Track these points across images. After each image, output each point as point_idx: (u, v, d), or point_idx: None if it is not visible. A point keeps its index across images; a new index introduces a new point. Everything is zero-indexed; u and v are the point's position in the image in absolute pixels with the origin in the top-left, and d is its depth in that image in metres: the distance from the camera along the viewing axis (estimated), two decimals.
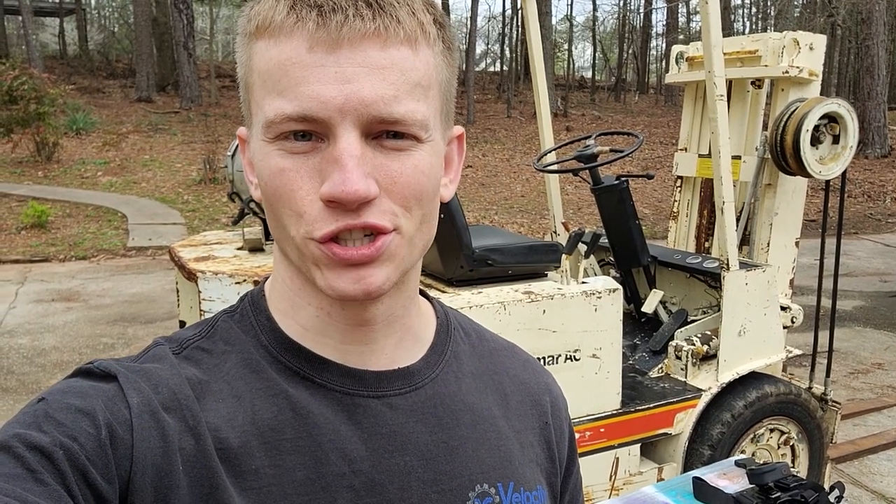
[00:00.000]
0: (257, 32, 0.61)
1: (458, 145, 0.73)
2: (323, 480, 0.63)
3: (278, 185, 0.60)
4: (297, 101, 0.58)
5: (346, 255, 0.59)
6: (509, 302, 2.58)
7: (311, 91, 0.57)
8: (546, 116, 3.89)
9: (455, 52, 0.67)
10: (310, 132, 0.59)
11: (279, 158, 0.60)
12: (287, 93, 0.58)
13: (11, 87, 12.36)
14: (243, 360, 0.67)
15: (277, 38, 0.59)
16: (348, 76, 0.57)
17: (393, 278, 0.63)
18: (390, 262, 0.62)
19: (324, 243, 0.60)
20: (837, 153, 3.31)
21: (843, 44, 26.06)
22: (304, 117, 0.58)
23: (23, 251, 9.38)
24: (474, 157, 16.19)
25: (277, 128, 0.59)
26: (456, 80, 0.68)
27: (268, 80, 0.60)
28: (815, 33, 3.45)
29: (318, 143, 0.59)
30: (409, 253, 0.63)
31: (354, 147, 0.58)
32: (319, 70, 0.57)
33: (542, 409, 0.79)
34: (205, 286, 2.36)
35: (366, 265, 0.60)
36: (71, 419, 0.56)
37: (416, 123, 0.60)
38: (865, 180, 15.77)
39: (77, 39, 26.97)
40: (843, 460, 4.13)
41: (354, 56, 0.57)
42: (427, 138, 0.61)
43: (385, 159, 0.60)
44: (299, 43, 0.58)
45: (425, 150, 0.62)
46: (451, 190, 0.72)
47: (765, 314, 3.10)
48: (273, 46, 0.59)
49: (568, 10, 68.99)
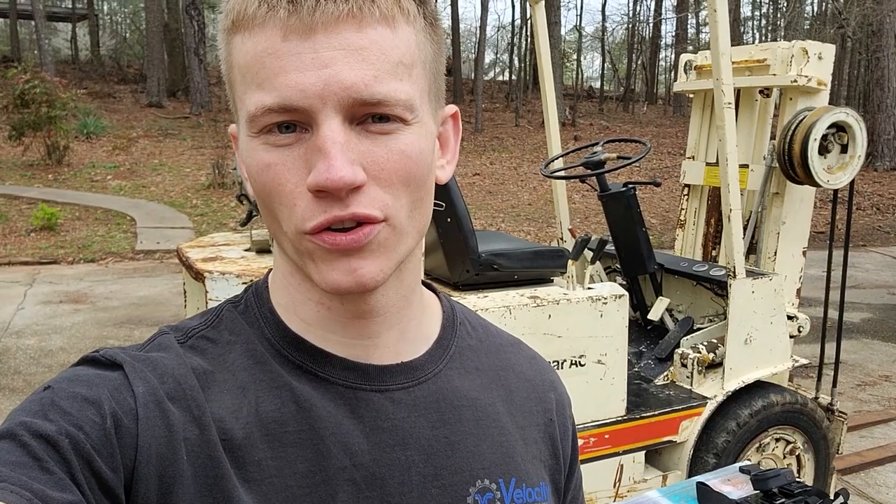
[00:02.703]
0: (233, 27, 0.60)
1: (454, 125, 0.71)
2: (324, 473, 0.63)
3: (266, 181, 0.59)
4: (276, 92, 0.56)
5: (334, 241, 0.58)
6: (515, 306, 2.58)
7: (289, 80, 0.56)
8: (554, 125, 3.90)
9: (439, 28, 0.65)
10: (293, 123, 0.58)
11: (264, 153, 0.59)
12: (265, 84, 0.57)
13: (23, 90, 12.43)
14: (248, 351, 0.67)
15: (251, 29, 0.58)
16: (325, 61, 0.56)
17: (387, 270, 0.62)
18: (381, 253, 0.61)
19: (315, 234, 0.59)
20: (845, 162, 3.30)
21: (853, 56, 26.00)
22: (284, 107, 0.57)
23: (32, 253, 9.44)
24: (482, 165, 16.21)
25: (260, 121, 0.58)
26: (444, 57, 0.66)
27: (247, 73, 0.59)
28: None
29: (302, 133, 0.58)
30: (401, 243, 0.62)
31: (337, 133, 0.56)
32: (296, 58, 0.56)
33: (547, 405, 0.79)
34: (212, 286, 2.37)
35: (357, 254, 0.59)
36: (77, 408, 0.56)
37: (399, 104, 0.58)
38: (875, 193, 15.71)
39: (89, 44, 27.15)
40: (848, 471, 4.11)
41: (330, 40, 0.56)
42: (413, 119, 0.60)
43: (371, 145, 0.58)
44: (273, 33, 0.57)
45: (413, 132, 0.60)
46: (449, 171, 0.70)
47: (771, 323, 3.09)
48: (248, 39, 0.58)
49: (577, 20, 69.17)
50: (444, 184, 0.70)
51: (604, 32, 33.69)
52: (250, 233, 2.79)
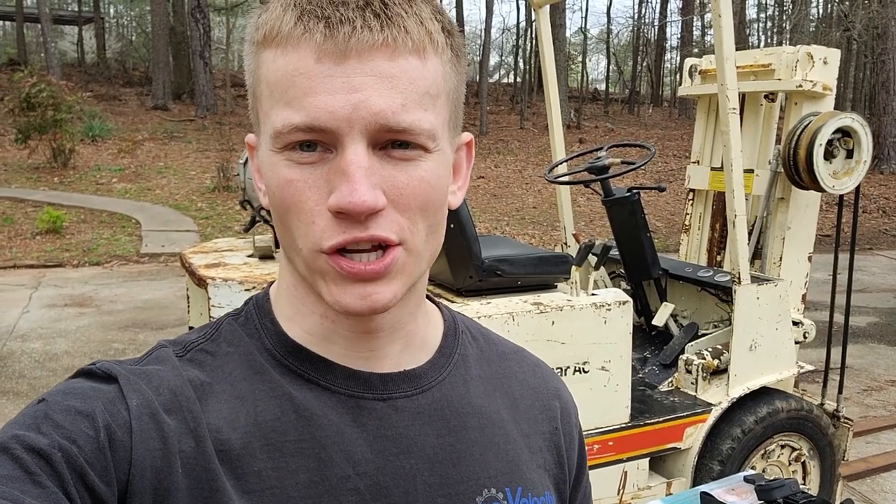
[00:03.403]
0: (265, 41, 0.61)
1: (467, 152, 0.72)
2: (327, 483, 0.62)
3: (286, 197, 0.60)
4: (304, 112, 0.57)
5: (353, 270, 0.59)
6: (518, 312, 2.57)
7: (318, 101, 0.57)
8: (558, 128, 3.89)
9: (463, 60, 0.67)
10: (317, 142, 0.59)
11: (286, 169, 0.59)
12: (295, 103, 0.58)
13: (29, 93, 12.47)
14: (246, 361, 0.67)
15: (285, 48, 0.59)
16: (356, 86, 0.57)
17: (400, 294, 0.62)
18: (398, 278, 0.62)
19: (331, 256, 0.59)
20: (851, 168, 3.29)
21: (858, 59, 25.92)
22: (311, 127, 0.57)
23: (37, 256, 9.46)
24: (486, 169, 16.20)
25: (285, 138, 0.59)
26: (464, 87, 0.68)
27: (275, 90, 0.59)
28: (830, 48, 3.44)
29: (325, 153, 0.59)
30: (416, 267, 0.63)
31: (362, 158, 0.57)
32: (327, 80, 0.57)
33: (552, 413, 0.79)
34: (215, 293, 2.37)
35: (373, 281, 0.60)
36: (70, 421, 0.56)
37: (423, 133, 0.59)
38: (881, 196, 15.66)
39: (95, 47, 27.24)
40: (855, 478, 4.08)
41: (363, 66, 0.57)
42: (435, 148, 0.61)
43: (392, 170, 0.59)
44: (306, 54, 0.58)
45: (433, 160, 0.61)
46: (460, 197, 0.71)
47: (776, 329, 3.07)
48: (280, 57, 0.59)
49: (582, 22, 69.12)
50: (455, 209, 0.71)
51: (609, 35, 33.72)
52: (253, 238, 2.79)
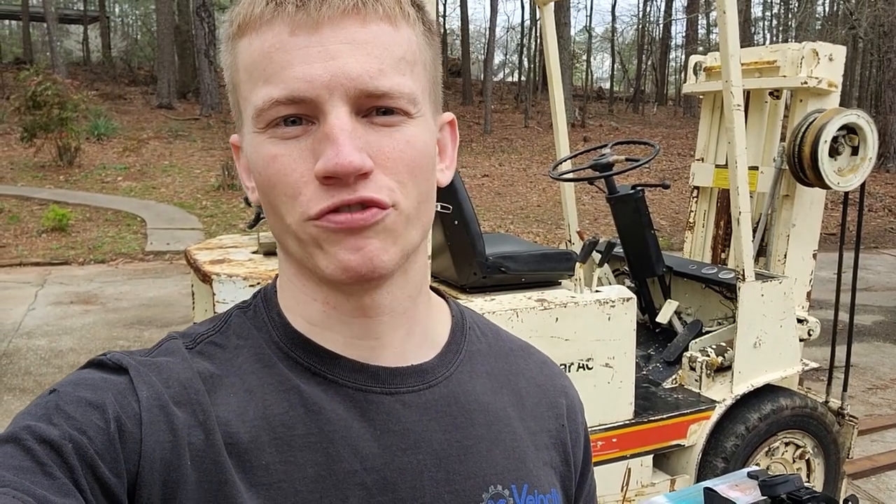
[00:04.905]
0: (239, 31, 0.62)
1: (451, 132, 0.73)
2: (334, 477, 0.62)
3: (272, 173, 0.60)
4: (283, 84, 0.58)
5: (340, 220, 0.59)
6: (522, 309, 2.57)
7: (296, 72, 0.58)
8: (562, 127, 3.89)
9: (436, 37, 0.67)
10: (300, 116, 0.59)
11: (271, 146, 0.60)
12: (273, 78, 0.58)
13: (35, 92, 12.50)
14: (256, 355, 0.67)
15: (258, 29, 0.60)
16: (332, 53, 0.58)
17: (395, 256, 0.62)
18: (388, 235, 0.61)
19: (320, 218, 0.59)
20: (856, 165, 3.28)
21: (864, 56, 25.83)
22: (292, 99, 0.58)
23: (43, 254, 9.50)
24: (491, 167, 16.19)
25: (267, 115, 0.59)
26: (441, 65, 0.69)
27: (253, 71, 0.60)
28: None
29: (308, 125, 0.59)
30: (407, 231, 0.63)
31: (345, 122, 0.58)
32: (303, 51, 0.58)
33: (558, 411, 0.78)
34: (219, 288, 2.37)
35: (363, 232, 0.60)
36: (81, 412, 0.57)
37: (403, 97, 0.60)
38: (887, 194, 15.59)
39: (100, 46, 27.29)
40: (859, 476, 4.07)
41: (336, 34, 0.58)
42: (416, 113, 0.62)
43: (377, 136, 0.60)
44: (281, 29, 0.59)
45: (416, 125, 0.62)
46: (448, 175, 0.72)
47: (781, 326, 3.07)
48: (256, 38, 0.60)
49: (587, 21, 68.99)
50: (445, 186, 0.71)
51: (614, 33, 33.65)
52: (258, 235, 2.79)
